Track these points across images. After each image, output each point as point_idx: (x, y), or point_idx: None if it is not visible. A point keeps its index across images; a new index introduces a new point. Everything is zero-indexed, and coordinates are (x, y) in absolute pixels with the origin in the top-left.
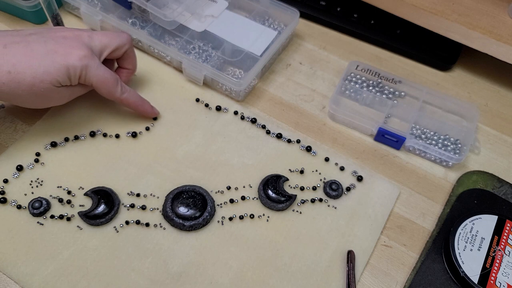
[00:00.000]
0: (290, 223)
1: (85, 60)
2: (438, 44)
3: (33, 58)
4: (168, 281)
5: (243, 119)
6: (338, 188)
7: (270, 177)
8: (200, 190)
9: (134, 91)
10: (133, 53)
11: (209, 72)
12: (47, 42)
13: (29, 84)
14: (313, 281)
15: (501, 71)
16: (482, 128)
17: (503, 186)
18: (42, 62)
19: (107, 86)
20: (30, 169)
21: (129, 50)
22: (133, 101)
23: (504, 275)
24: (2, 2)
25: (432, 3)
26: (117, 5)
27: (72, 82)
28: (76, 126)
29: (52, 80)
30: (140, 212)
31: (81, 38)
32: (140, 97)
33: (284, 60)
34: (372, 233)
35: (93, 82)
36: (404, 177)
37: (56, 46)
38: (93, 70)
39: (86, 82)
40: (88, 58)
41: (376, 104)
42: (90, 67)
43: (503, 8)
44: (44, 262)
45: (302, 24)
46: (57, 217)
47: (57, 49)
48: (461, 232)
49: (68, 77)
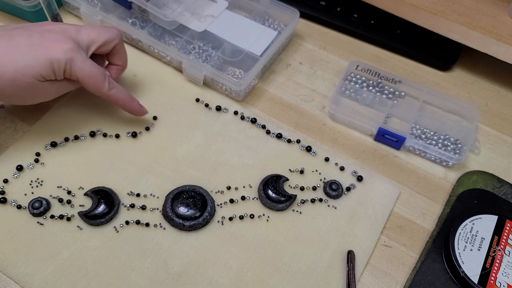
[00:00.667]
0: (290, 223)
1: (70, 53)
2: (438, 44)
3: (15, 51)
4: (168, 281)
5: (243, 119)
6: (338, 188)
7: (270, 177)
8: (200, 190)
9: (122, 88)
10: (123, 48)
11: (209, 72)
12: (31, 36)
13: (10, 79)
14: (313, 281)
15: (501, 71)
16: (482, 128)
17: (503, 186)
18: (25, 55)
19: (94, 81)
20: (30, 169)
21: (119, 46)
22: (121, 98)
23: (504, 275)
24: (2, 2)
25: (432, 3)
26: (117, 5)
27: (57, 76)
28: (76, 126)
29: (35, 74)
30: (140, 212)
31: (67, 32)
32: (129, 94)
33: (284, 60)
34: (372, 233)
35: (79, 77)
36: (404, 177)
37: (40, 39)
38: (79, 64)
39: (72, 76)
40: (73, 51)
41: (376, 104)
42: (75, 61)
43: (503, 8)
44: (44, 262)
45: (302, 24)
46: (57, 217)
47: (41, 43)
48: (461, 232)
49: (52, 71)
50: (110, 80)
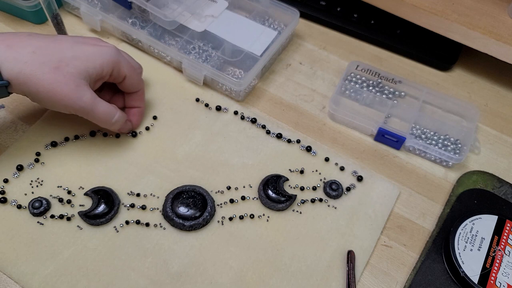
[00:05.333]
0: (290, 223)
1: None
2: (438, 44)
3: (61, 43)
4: (168, 281)
5: (243, 119)
6: (338, 188)
7: (270, 177)
8: (200, 190)
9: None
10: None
11: (209, 72)
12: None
13: (53, 67)
14: (313, 281)
15: (501, 71)
16: (482, 128)
17: (503, 186)
18: (73, 49)
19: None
20: (30, 169)
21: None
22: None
23: (504, 275)
24: (2, 2)
25: (432, 3)
26: (117, 5)
27: (104, 78)
28: (76, 126)
29: (84, 68)
30: (140, 212)
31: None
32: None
33: (284, 60)
34: (372, 233)
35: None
36: (404, 177)
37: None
38: (123, 62)
39: (114, 75)
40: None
41: (376, 104)
42: (121, 62)
43: (503, 8)
44: (44, 262)
45: (302, 24)
46: (57, 217)
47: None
48: (461, 232)
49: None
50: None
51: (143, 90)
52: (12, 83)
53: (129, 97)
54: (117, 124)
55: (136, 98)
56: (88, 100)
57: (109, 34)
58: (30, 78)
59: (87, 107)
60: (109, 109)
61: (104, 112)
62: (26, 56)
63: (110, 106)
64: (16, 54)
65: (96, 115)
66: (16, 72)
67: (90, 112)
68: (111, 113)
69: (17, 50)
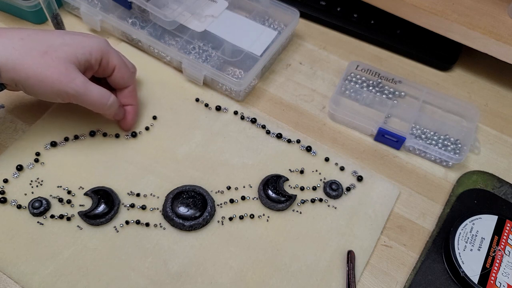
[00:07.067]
0: (290, 223)
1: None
2: (438, 44)
3: (51, 32)
4: (168, 281)
5: (243, 119)
6: (338, 188)
7: (270, 177)
8: (200, 190)
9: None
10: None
11: (209, 72)
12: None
13: (42, 51)
14: (313, 281)
15: (501, 71)
16: (482, 128)
17: (503, 186)
18: (63, 37)
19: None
20: (30, 169)
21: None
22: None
23: (504, 275)
24: (2, 2)
25: (432, 3)
26: (117, 5)
27: (93, 66)
28: (76, 126)
29: (73, 53)
30: (140, 212)
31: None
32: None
33: (284, 60)
34: (372, 233)
35: (114, 64)
36: (404, 177)
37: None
38: (113, 52)
39: (103, 65)
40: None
41: (376, 104)
42: (111, 52)
43: (503, 8)
44: (44, 262)
45: (302, 24)
46: (57, 217)
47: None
48: (461, 232)
49: (88, 59)
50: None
51: (135, 86)
52: (1, 69)
53: (121, 94)
54: (112, 108)
55: (128, 95)
56: (80, 83)
57: (109, 34)
58: (18, 63)
59: (80, 90)
60: (103, 92)
61: (98, 94)
62: (14, 42)
63: (103, 89)
64: (4, 40)
65: (90, 98)
66: (4, 58)
67: (83, 95)
68: (105, 96)
69: (5, 37)
